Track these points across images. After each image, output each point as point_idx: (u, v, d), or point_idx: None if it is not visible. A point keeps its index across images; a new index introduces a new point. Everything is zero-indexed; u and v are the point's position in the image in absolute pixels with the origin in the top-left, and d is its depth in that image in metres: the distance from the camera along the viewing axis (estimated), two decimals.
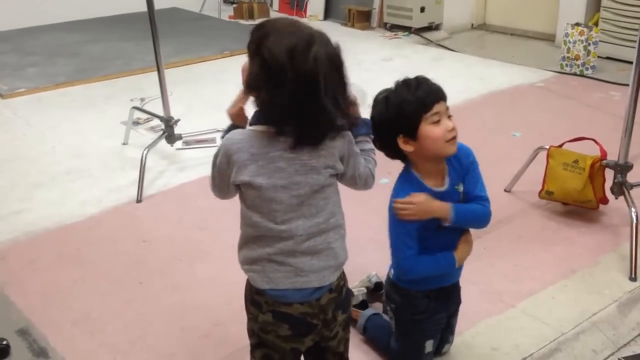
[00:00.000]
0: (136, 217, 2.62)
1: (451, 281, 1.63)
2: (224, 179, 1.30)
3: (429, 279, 1.56)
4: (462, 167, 1.54)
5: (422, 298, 1.59)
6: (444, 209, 1.48)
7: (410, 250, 1.50)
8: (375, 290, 1.96)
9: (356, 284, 1.96)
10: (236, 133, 1.28)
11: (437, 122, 1.44)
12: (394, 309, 1.65)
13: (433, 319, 1.61)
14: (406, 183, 1.51)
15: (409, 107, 1.43)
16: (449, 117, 1.46)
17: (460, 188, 1.54)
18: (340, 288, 1.37)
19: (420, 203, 1.47)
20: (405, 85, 1.46)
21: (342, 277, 1.39)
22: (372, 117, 1.48)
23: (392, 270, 1.63)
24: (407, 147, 1.47)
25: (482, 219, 1.56)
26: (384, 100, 1.48)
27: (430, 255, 1.53)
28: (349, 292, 1.43)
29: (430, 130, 1.43)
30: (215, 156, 1.30)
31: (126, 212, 2.64)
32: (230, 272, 2.20)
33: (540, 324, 1.89)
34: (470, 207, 1.54)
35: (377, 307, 1.91)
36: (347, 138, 1.32)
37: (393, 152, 1.51)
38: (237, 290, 1.42)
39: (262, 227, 1.29)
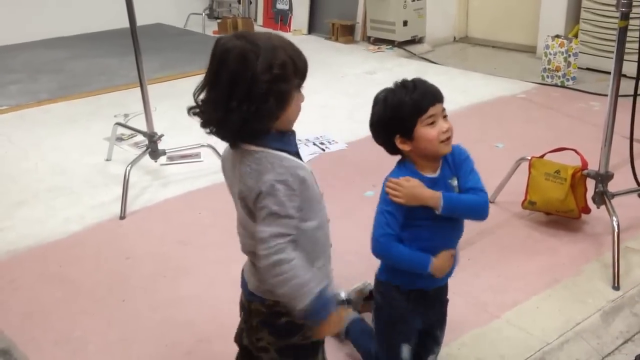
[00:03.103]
0: (119, 233, 2.60)
1: (432, 285, 1.61)
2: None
3: (408, 277, 1.56)
4: (455, 163, 1.56)
5: (401, 299, 1.59)
6: (434, 197, 1.50)
7: (389, 229, 1.51)
8: (367, 298, 1.96)
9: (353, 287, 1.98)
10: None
11: (433, 123, 1.48)
12: (374, 309, 1.67)
13: (408, 322, 1.61)
14: (403, 169, 1.55)
15: (405, 109, 1.47)
16: (445, 117, 1.50)
17: (454, 182, 1.56)
18: (275, 312, 1.32)
19: (411, 187, 1.49)
20: (403, 86, 1.49)
21: (283, 306, 1.28)
22: (372, 115, 1.53)
23: (378, 270, 1.63)
24: (404, 147, 1.51)
25: (477, 208, 1.56)
26: (383, 101, 1.51)
27: (411, 249, 1.53)
28: (291, 325, 1.33)
29: (426, 131, 1.47)
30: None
31: (109, 229, 2.62)
32: (214, 288, 2.20)
33: (525, 334, 1.90)
34: (462, 196, 1.55)
35: (367, 317, 1.90)
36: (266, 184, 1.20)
37: (391, 149, 1.55)
38: (222, 306, 1.42)
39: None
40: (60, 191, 2.97)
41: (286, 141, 1.26)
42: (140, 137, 3.41)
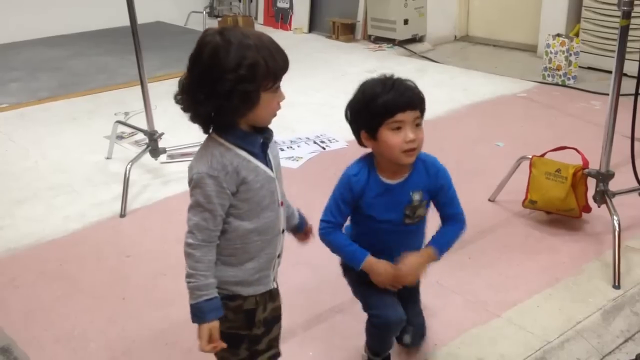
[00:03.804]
0: (120, 232, 2.60)
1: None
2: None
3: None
4: (433, 184, 1.53)
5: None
6: (431, 257, 1.52)
7: (331, 217, 1.51)
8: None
9: None
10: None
11: (398, 129, 1.42)
12: (341, 266, 1.67)
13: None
14: (363, 165, 1.51)
15: (373, 107, 1.42)
16: (417, 125, 1.44)
17: (417, 196, 1.51)
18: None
19: (409, 271, 1.51)
20: (382, 83, 1.44)
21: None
22: (350, 99, 1.49)
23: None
24: (367, 143, 1.48)
25: (459, 236, 1.60)
26: (361, 90, 1.47)
27: (352, 241, 1.53)
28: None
29: (389, 136, 1.42)
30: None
31: (110, 227, 2.62)
32: None
33: (526, 333, 1.90)
34: (449, 237, 1.57)
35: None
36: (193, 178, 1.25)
37: (359, 141, 1.51)
38: None
39: None
40: (61, 189, 2.97)
41: (249, 140, 1.27)
42: (140, 135, 3.40)
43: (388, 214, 1.53)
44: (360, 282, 1.62)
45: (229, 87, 1.18)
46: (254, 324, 1.38)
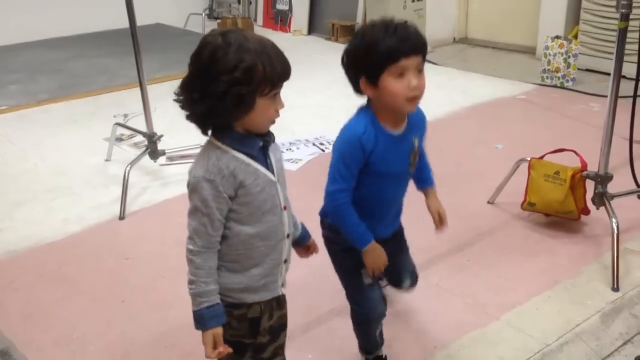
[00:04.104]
0: (119, 234, 2.60)
1: (381, 235, 1.56)
2: None
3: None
4: (423, 129, 1.54)
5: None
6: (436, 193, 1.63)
7: (345, 184, 1.44)
8: None
9: None
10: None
11: (401, 75, 1.35)
12: (326, 245, 1.62)
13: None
14: (364, 119, 1.44)
15: (375, 52, 1.34)
16: (420, 71, 1.37)
17: (416, 142, 1.51)
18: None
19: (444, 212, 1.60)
20: (384, 27, 1.36)
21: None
22: (347, 45, 1.42)
23: (327, 219, 1.59)
24: (367, 91, 1.41)
25: None
26: (361, 34, 1.40)
27: (359, 217, 1.48)
28: None
29: (392, 83, 1.35)
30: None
31: (109, 230, 2.62)
32: None
33: (525, 336, 1.90)
34: (429, 170, 1.65)
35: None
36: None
37: (356, 88, 1.44)
38: None
39: None
40: (60, 191, 2.97)
41: (246, 143, 1.25)
42: (139, 138, 3.41)
43: (395, 165, 1.49)
44: (355, 272, 1.59)
45: (223, 88, 1.17)
46: (259, 332, 1.36)
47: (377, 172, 1.46)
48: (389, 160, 1.47)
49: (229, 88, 1.17)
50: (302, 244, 1.51)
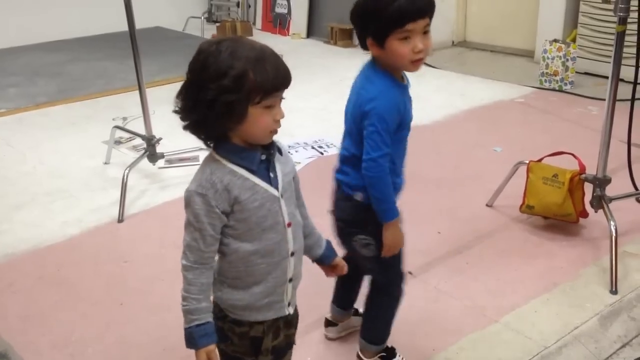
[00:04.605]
0: (117, 237, 2.59)
1: (398, 188, 1.60)
2: None
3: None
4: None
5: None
6: None
7: (387, 148, 1.44)
8: None
9: None
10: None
11: (406, 39, 1.38)
12: (371, 232, 1.55)
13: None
14: (384, 79, 1.46)
15: (383, 14, 1.36)
16: (426, 33, 1.39)
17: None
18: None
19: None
20: None
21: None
22: (356, 4, 1.44)
23: (358, 194, 1.53)
24: (372, 50, 1.45)
25: None
26: None
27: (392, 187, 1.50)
28: (220, 331, 1.32)
29: (397, 46, 1.38)
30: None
31: (107, 232, 2.62)
32: None
33: (524, 338, 1.90)
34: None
35: None
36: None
37: (363, 45, 1.48)
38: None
39: None
40: (59, 194, 2.97)
41: (245, 156, 1.21)
42: (138, 140, 3.40)
43: (410, 113, 1.52)
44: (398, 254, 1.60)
45: (211, 96, 1.14)
46: (260, 352, 1.31)
47: (405, 125, 1.49)
48: (408, 109, 1.51)
49: (217, 96, 1.14)
50: (327, 263, 1.45)
